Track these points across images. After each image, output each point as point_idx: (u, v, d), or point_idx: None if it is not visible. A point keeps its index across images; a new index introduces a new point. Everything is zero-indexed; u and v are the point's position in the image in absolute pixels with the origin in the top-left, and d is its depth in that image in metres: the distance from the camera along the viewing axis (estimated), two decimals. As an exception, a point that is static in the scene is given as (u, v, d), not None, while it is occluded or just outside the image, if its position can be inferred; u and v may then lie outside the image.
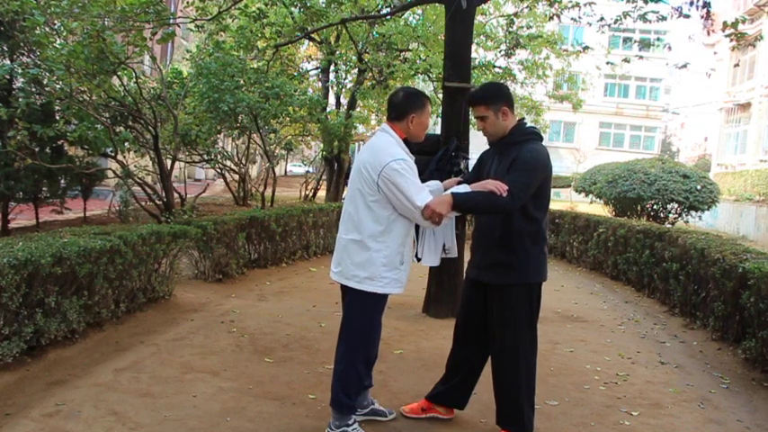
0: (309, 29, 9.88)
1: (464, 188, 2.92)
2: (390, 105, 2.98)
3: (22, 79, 7.72)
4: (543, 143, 3.00)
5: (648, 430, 3.29)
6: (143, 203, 9.08)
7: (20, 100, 7.37)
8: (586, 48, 8.84)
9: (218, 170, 14.67)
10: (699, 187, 12.77)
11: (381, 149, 2.83)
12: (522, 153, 2.85)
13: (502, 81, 14.15)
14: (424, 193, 2.83)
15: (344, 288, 2.93)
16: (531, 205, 2.86)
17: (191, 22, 8.37)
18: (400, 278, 2.90)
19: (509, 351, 2.93)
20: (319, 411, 3.23)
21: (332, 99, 15.53)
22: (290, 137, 15.85)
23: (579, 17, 7.71)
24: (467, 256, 3.27)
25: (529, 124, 3.04)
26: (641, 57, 8.29)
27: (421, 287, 5.73)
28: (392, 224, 2.83)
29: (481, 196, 2.80)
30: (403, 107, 2.93)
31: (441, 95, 7.07)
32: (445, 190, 3.11)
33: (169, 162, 8.85)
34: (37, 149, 7.94)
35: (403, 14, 11.82)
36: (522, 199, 2.77)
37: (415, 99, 2.95)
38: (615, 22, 7.13)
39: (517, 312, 2.91)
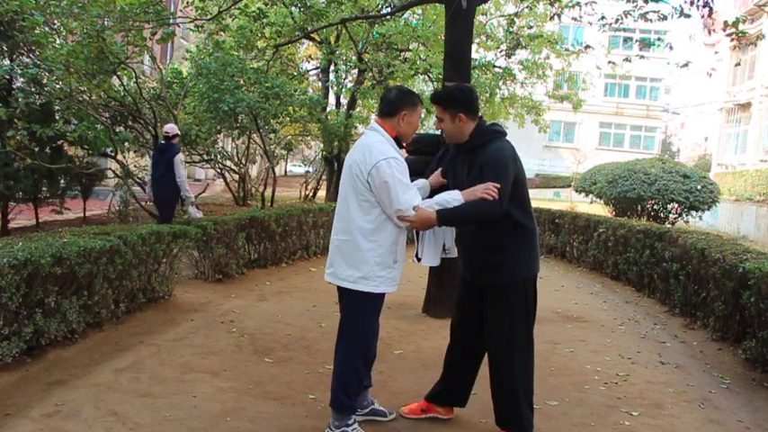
0: (309, 29, 9.89)
1: (453, 195, 2.85)
2: (383, 101, 2.98)
3: (21, 79, 7.73)
4: (542, 144, 2.97)
5: (648, 430, 3.29)
6: (143, 203, 9.08)
7: (19, 100, 7.38)
8: (587, 47, 8.84)
9: (218, 170, 14.68)
10: (699, 187, 12.76)
11: (372, 148, 2.82)
12: (487, 158, 2.81)
13: (501, 81, 14.16)
14: (411, 193, 2.82)
15: (341, 289, 2.93)
16: (510, 203, 2.82)
17: (190, 22, 8.37)
18: (394, 276, 2.89)
19: (505, 351, 2.91)
20: (319, 411, 3.23)
21: (332, 99, 15.53)
22: (290, 137, 15.86)
23: (580, 17, 7.71)
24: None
25: (489, 122, 3.01)
26: (642, 56, 8.29)
27: (421, 287, 5.72)
28: (384, 222, 2.82)
29: (466, 208, 2.78)
30: (396, 103, 2.93)
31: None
32: (432, 186, 3.12)
33: (169, 162, 8.83)
34: (36, 149, 7.94)
35: (403, 14, 11.82)
36: (505, 202, 2.76)
37: (407, 97, 2.97)
38: (616, 22, 7.12)
39: (513, 312, 2.89)
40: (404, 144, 3.00)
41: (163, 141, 7.64)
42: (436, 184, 3.13)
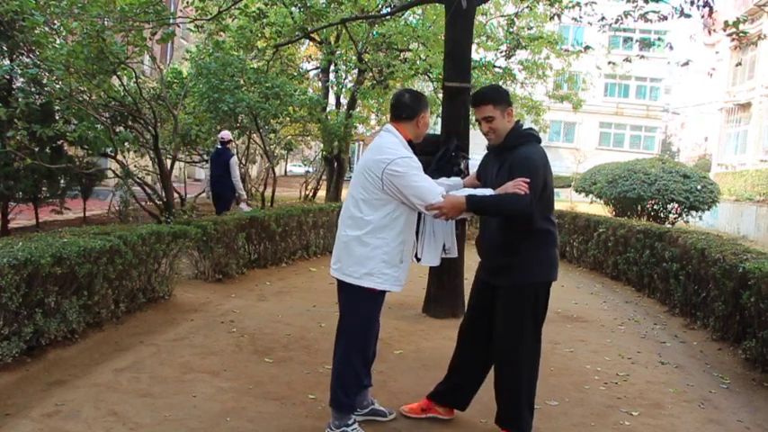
0: (309, 29, 9.88)
1: (483, 191, 2.89)
2: (399, 106, 3.00)
3: (21, 79, 7.71)
4: (542, 144, 2.98)
5: (648, 430, 3.29)
6: (143, 203, 9.08)
7: (19, 100, 7.36)
8: (587, 47, 8.83)
9: (219, 170, 14.58)
10: (699, 187, 12.75)
11: (386, 149, 2.86)
12: (518, 159, 2.83)
13: (501, 81, 14.19)
14: (431, 182, 2.85)
15: (341, 285, 2.93)
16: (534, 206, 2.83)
17: (190, 22, 8.36)
18: (399, 276, 2.90)
19: (510, 353, 2.92)
20: (319, 411, 3.23)
21: (332, 99, 15.52)
22: (290, 137, 15.83)
23: (580, 17, 7.71)
24: (467, 257, 3.27)
25: (526, 126, 3.03)
26: (642, 56, 8.28)
27: (421, 287, 5.72)
28: (393, 221, 2.84)
29: (497, 198, 2.78)
30: (414, 107, 2.98)
31: (441, 95, 7.06)
32: (465, 187, 3.14)
33: (169, 162, 8.84)
34: (36, 149, 7.93)
35: (403, 14, 11.81)
36: (535, 198, 2.75)
37: (422, 99, 3.03)
38: (616, 22, 7.12)
39: (521, 314, 2.90)
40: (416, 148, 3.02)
41: (219, 146, 8.91)
42: (470, 186, 3.14)
